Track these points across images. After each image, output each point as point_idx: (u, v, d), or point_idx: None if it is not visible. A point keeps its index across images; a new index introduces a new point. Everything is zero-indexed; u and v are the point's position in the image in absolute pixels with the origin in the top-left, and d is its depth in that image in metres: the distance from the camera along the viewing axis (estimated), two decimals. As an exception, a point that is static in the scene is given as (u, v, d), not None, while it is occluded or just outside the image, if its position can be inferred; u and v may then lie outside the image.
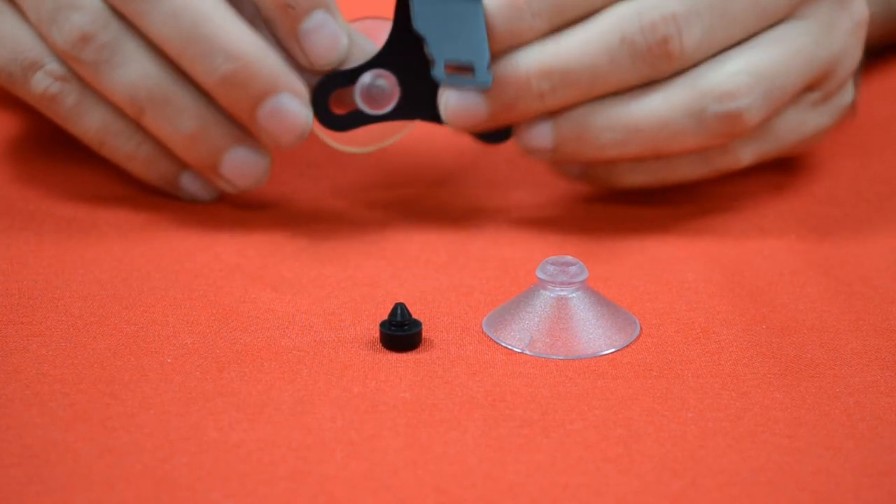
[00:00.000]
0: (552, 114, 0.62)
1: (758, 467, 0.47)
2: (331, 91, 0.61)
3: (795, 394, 0.51)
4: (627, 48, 0.61)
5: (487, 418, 0.49)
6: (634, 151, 0.63)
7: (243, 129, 0.62)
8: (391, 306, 0.54)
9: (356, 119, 0.62)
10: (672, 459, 0.47)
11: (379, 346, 0.54)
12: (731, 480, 0.46)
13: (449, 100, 0.61)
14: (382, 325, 0.54)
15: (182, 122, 0.62)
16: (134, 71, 0.61)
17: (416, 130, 0.65)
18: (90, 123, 0.63)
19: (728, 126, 0.62)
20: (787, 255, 0.62)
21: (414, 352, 0.54)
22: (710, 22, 0.61)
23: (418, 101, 0.62)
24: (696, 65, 0.62)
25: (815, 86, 0.65)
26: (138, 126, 0.63)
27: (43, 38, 0.62)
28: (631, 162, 0.64)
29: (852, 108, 0.69)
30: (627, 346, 0.54)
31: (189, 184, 0.65)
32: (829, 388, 0.51)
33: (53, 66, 0.62)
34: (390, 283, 0.59)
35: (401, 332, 0.54)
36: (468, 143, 0.71)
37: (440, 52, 0.60)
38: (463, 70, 0.60)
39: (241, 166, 0.63)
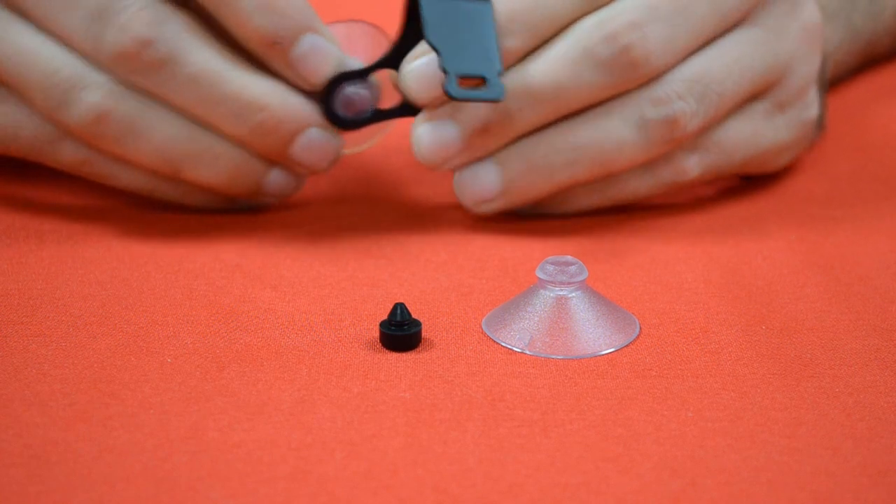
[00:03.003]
0: (491, 154, 0.62)
1: (757, 467, 0.47)
2: (337, 91, 0.61)
3: (795, 394, 0.51)
4: (590, 60, 0.60)
5: (487, 418, 0.49)
6: (584, 173, 0.62)
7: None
8: (391, 306, 0.54)
9: (364, 118, 0.62)
10: (672, 459, 0.47)
11: (379, 346, 0.54)
12: (731, 480, 0.46)
13: (422, 136, 0.62)
14: (382, 324, 0.54)
15: (219, 166, 0.62)
16: (160, 136, 0.61)
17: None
18: (130, 181, 0.63)
19: (667, 131, 0.62)
20: (787, 255, 0.62)
21: (414, 352, 0.54)
22: (671, 27, 0.61)
23: None
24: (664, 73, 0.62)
25: (762, 93, 0.64)
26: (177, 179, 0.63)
27: (55, 122, 0.61)
28: (580, 186, 0.64)
29: (819, 125, 0.69)
30: (627, 346, 0.54)
31: (273, 181, 0.64)
32: (828, 388, 0.51)
33: (73, 140, 0.62)
34: (390, 283, 0.59)
35: (401, 332, 0.54)
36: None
37: (453, 66, 0.59)
38: (474, 83, 0.60)
39: (280, 185, 0.63)
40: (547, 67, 0.61)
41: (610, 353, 0.54)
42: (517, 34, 0.60)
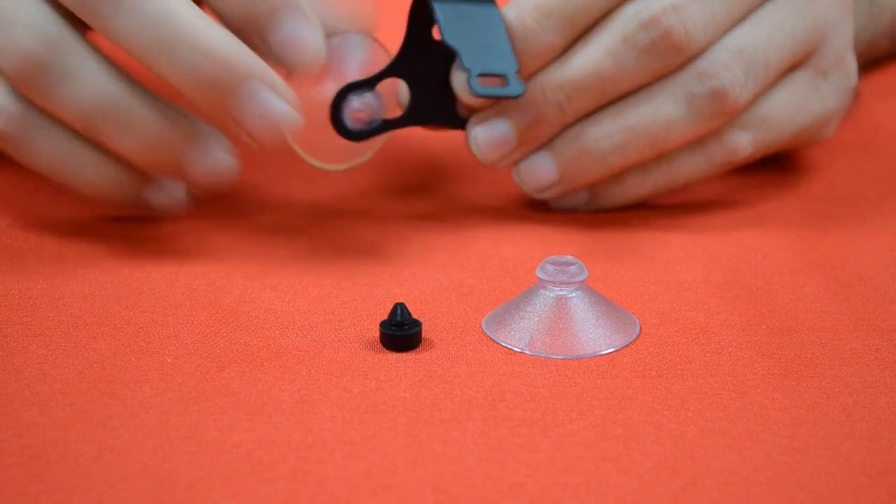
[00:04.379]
0: (546, 145, 0.63)
1: (757, 467, 0.47)
2: (345, 102, 0.61)
3: (795, 393, 0.51)
4: (632, 49, 0.61)
5: (487, 418, 0.49)
6: (635, 154, 0.63)
7: (206, 127, 0.60)
8: (391, 306, 0.54)
9: (372, 129, 0.62)
10: (671, 459, 0.47)
11: (379, 345, 0.54)
12: (731, 480, 0.46)
13: (478, 137, 0.63)
14: (382, 324, 0.54)
15: (142, 130, 0.59)
16: (85, 88, 0.58)
17: (415, 131, 0.65)
18: (43, 152, 0.60)
19: (716, 105, 0.62)
20: (787, 255, 0.62)
21: (414, 352, 0.54)
22: (708, 4, 0.61)
23: (432, 107, 0.62)
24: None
25: (804, 61, 0.65)
26: (94, 146, 0.60)
27: None
28: (634, 169, 0.64)
29: (856, 92, 0.69)
30: (627, 345, 0.54)
31: (155, 197, 0.62)
32: (828, 388, 0.51)
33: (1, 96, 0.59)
34: (390, 283, 0.59)
35: (401, 332, 0.54)
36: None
37: (475, 65, 0.60)
38: (494, 81, 0.61)
39: (206, 165, 0.60)
40: (589, 60, 0.62)
41: (610, 353, 0.54)
42: (555, 29, 0.61)
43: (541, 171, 0.64)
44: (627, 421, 0.49)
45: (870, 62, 0.82)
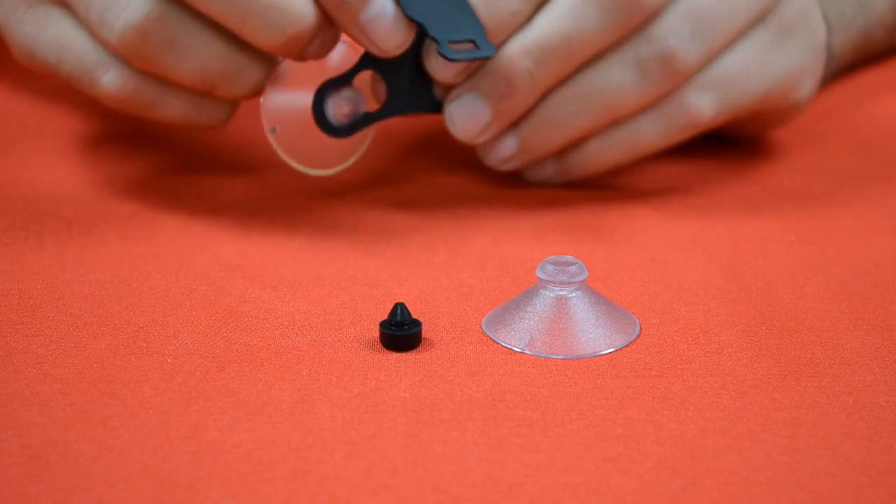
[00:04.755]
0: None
1: (757, 467, 0.47)
2: (326, 99, 0.62)
3: (795, 393, 0.51)
4: (591, 4, 0.61)
5: (487, 418, 0.49)
6: (591, 120, 0.64)
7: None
8: (391, 306, 0.54)
9: (356, 123, 0.63)
10: (671, 459, 0.47)
11: (379, 345, 0.54)
12: (731, 480, 0.46)
13: (453, 114, 0.63)
14: (382, 324, 0.54)
15: (249, 77, 0.62)
16: (199, 55, 0.61)
17: (415, 130, 0.65)
18: (169, 108, 0.63)
19: (665, 68, 0.62)
20: (786, 255, 0.62)
21: (414, 351, 0.54)
22: None
23: (409, 95, 0.63)
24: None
25: (762, 18, 0.64)
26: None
27: (99, 41, 0.62)
28: (596, 136, 0.65)
29: (831, 54, 0.69)
30: (627, 345, 0.54)
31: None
32: (828, 388, 0.51)
33: (116, 67, 0.62)
34: (390, 283, 0.59)
35: (401, 332, 0.54)
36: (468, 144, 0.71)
37: (442, 34, 0.61)
38: (464, 47, 0.61)
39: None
40: (553, 20, 0.62)
41: (610, 353, 0.54)
42: None
43: (501, 142, 0.65)
44: (627, 421, 0.49)
45: (866, 55, 0.82)
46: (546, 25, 0.62)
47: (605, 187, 0.68)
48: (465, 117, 0.63)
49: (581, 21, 0.61)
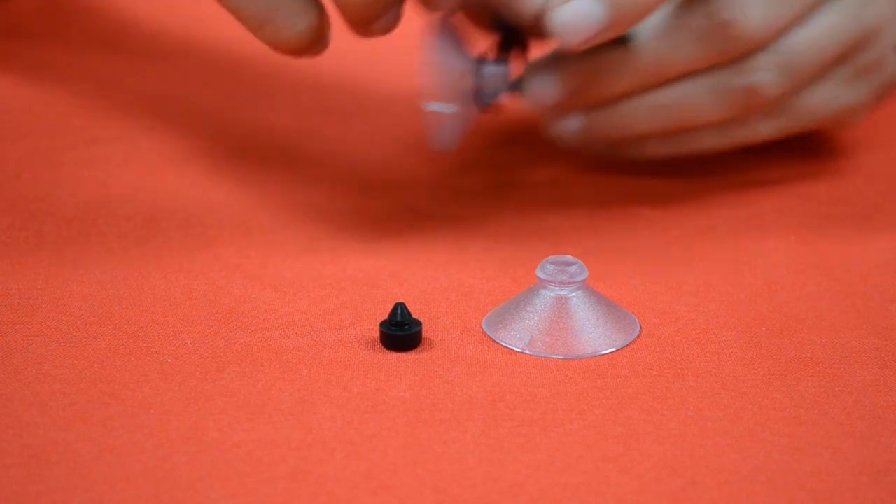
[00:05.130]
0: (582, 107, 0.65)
1: (757, 466, 0.47)
2: (482, 73, 0.63)
3: (795, 393, 0.51)
4: (688, 34, 0.62)
5: (487, 418, 0.49)
6: (660, 127, 0.65)
7: None
8: (391, 306, 0.54)
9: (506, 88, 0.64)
10: (671, 458, 0.47)
11: (379, 345, 0.54)
12: (731, 479, 0.46)
13: (562, 16, 0.59)
14: (382, 324, 0.54)
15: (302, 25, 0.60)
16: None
17: (415, 130, 0.65)
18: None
19: (748, 99, 0.64)
20: (787, 255, 0.62)
21: (414, 352, 0.54)
22: (774, 3, 0.62)
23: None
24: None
25: (845, 59, 0.65)
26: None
27: None
28: (655, 136, 0.66)
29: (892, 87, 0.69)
30: (627, 345, 0.54)
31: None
32: (828, 387, 0.51)
33: None
34: (390, 283, 0.59)
35: (401, 332, 0.54)
36: (468, 143, 0.71)
37: None
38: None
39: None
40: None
41: (610, 353, 0.54)
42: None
43: (568, 118, 0.65)
44: (627, 421, 0.49)
45: None
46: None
47: (606, 187, 0.68)
48: (576, 15, 0.58)
49: (678, 46, 0.63)
